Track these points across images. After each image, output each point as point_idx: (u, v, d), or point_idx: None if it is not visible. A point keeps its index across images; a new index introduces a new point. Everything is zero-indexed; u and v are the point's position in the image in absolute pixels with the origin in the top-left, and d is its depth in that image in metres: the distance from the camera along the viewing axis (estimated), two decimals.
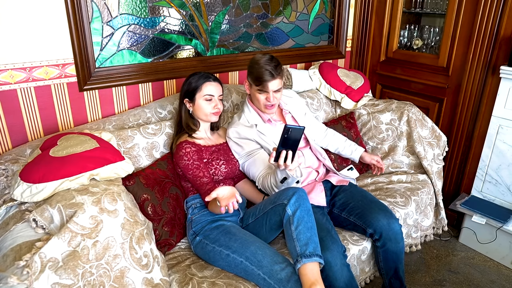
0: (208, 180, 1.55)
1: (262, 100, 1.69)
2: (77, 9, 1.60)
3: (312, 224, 1.37)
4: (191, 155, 1.56)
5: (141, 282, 1.18)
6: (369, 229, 1.62)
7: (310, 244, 1.31)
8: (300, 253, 1.29)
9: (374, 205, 1.68)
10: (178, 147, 1.60)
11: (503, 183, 2.16)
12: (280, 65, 1.68)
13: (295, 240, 1.32)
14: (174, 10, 1.91)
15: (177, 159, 1.59)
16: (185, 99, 1.67)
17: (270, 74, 1.63)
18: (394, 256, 1.65)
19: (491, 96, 2.16)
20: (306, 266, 1.27)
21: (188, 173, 1.56)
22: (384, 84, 2.74)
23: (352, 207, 1.69)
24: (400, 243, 1.64)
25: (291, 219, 1.35)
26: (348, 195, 1.75)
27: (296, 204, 1.37)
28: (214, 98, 1.65)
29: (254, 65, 1.66)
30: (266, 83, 1.64)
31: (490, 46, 2.10)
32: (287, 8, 2.34)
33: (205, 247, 1.47)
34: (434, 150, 2.16)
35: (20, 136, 1.63)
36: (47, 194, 1.23)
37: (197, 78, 1.65)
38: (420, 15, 2.69)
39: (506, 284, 2.01)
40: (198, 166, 1.56)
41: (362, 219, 1.64)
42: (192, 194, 1.64)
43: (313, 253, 1.29)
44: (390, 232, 1.61)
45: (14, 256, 1.07)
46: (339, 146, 2.03)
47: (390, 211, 1.67)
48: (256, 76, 1.65)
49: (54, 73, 1.65)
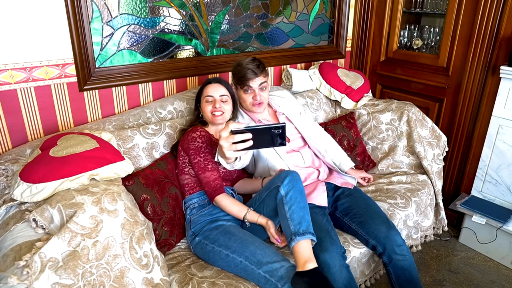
0: (217, 167, 1.56)
1: (249, 100, 1.74)
2: (77, 9, 1.60)
3: (305, 204, 1.42)
4: (205, 139, 1.58)
5: (141, 282, 1.18)
6: (372, 241, 1.59)
7: (303, 223, 1.36)
8: (294, 231, 1.34)
9: (377, 216, 1.64)
10: (192, 130, 1.60)
11: (503, 183, 2.16)
12: (263, 64, 1.74)
13: (288, 220, 1.37)
14: (174, 10, 1.91)
15: (188, 142, 1.57)
16: (198, 104, 1.75)
17: (253, 73, 1.69)
18: (407, 274, 1.57)
19: (491, 96, 2.16)
20: (300, 243, 1.32)
21: (199, 156, 1.54)
22: (384, 84, 2.74)
23: (355, 214, 1.67)
24: (406, 256, 1.58)
25: (284, 199, 1.40)
26: (352, 200, 1.73)
27: (289, 185, 1.41)
28: (214, 99, 1.66)
29: (237, 66, 1.74)
30: (249, 81, 1.69)
31: (490, 46, 2.10)
32: (287, 8, 2.34)
33: (205, 247, 1.47)
34: (434, 150, 2.16)
35: (20, 136, 1.63)
36: (47, 194, 1.23)
37: (204, 83, 1.72)
38: (420, 15, 2.69)
39: (506, 284, 2.01)
40: (210, 151, 1.57)
41: (364, 228, 1.62)
42: (189, 193, 1.63)
43: (306, 231, 1.34)
44: (393, 244, 1.57)
45: (14, 256, 1.07)
46: (331, 155, 1.94)
47: (393, 224, 1.63)
48: (239, 77, 1.72)
49: (54, 73, 1.65)
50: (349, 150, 2.22)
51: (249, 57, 1.74)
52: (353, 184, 1.83)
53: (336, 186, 1.81)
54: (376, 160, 2.26)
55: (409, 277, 1.59)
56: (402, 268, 1.58)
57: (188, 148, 1.57)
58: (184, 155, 1.60)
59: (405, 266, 1.58)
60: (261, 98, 1.73)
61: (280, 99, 1.97)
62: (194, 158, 1.55)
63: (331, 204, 1.76)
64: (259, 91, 1.72)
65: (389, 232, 1.59)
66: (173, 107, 1.91)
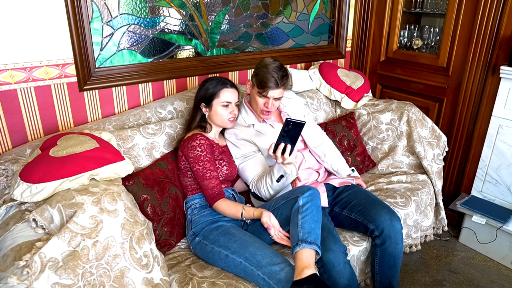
0: (216, 175, 1.56)
1: (261, 104, 1.69)
2: (77, 9, 1.60)
3: (319, 219, 1.41)
4: (205, 147, 1.56)
5: (141, 282, 1.18)
6: (371, 225, 1.61)
7: (312, 234, 1.35)
8: (301, 238, 1.33)
9: (377, 203, 1.67)
10: (191, 137, 1.58)
11: (503, 183, 2.16)
12: (287, 76, 1.67)
13: (299, 227, 1.36)
14: (174, 10, 1.91)
15: (188, 150, 1.56)
16: (202, 104, 1.67)
17: (275, 82, 1.62)
18: (391, 260, 1.63)
19: (491, 96, 2.16)
20: (304, 251, 1.31)
21: (198, 165, 1.54)
22: (384, 84, 2.74)
23: (354, 205, 1.68)
24: (399, 245, 1.62)
25: (300, 208, 1.40)
26: (351, 194, 1.75)
27: (308, 198, 1.42)
28: (231, 105, 1.64)
29: (262, 68, 1.65)
30: (268, 89, 1.63)
31: (490, 46, 2.10)
32: (287, 8, 2.34)
33: (205, 248, 1.47)
34: (434, 150, 2.16)
35: (20, 136, 1.63)
36: (47, 194, 1.23)
37: (214, 83, 1.64)
38: (420, 15, 2.69)
39: (506, 284, 2.01)
40: (209, 159, 1.56)
41: (364, 215, 1.64)
42: (191, 194, 1.63)
43: (314, 242, 1.33)
44: (391, 229, 1.59)
45: (14, 256, 1.07)
46: (329, 160, 1.94)
47: (393, 211, 1.65)
48: (261, 80, 1.64)
49: (54, 73, 1.65)
50: (349, 150, 2.22)
51: (277, 62, 1.66)
52: (351, 182, 1.84)
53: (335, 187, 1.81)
54: (376, 160, 2.26)
55: (392, 263, 1.63)
56: (390, 254, 1.62)
57: (188, 156, 1.57)
58: (185, 160, 1.60)
59: (394, 253, 1.62)
60: (272, 108, 1.69)
61: (287, 99, 1.96)
62: (194, 166, 1.56)
63: (330, 204, 1.77)
64: (273, 100, 1.68)
65: (389, 217, 1.61)
66: (173, 107, 1.91)
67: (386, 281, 1.66)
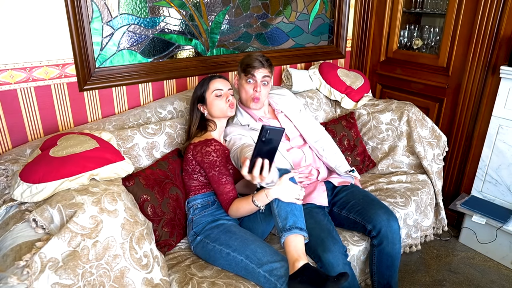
0: (231, 180, 1.56)
1: (250, 91, 1.73)
2: (77, 9, 1.60)
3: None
4: (220, 152, 1.56)
5: (141, 282, 1.18)
6: (369, 225, 1.61)
7: (289, 218, 1.34)
8: (281, 227, 1.34)
9: (376, 203, 1.68)
10: (204, 143, 1.57)
11: (503, 183, 2.16)
12: (270, 61, 1.76)
13: (276, 217, 1.37)
14: (174, 10, 1.91)
15: (202, 155, 1.54)
16: (198, 104, 1.70)
17: (260, 63, 1.71)
18: (389, 260, 1.63)
19: (491, 96, 2.16)
20: (289, 240, 1.31)
21: (214, 170, 1.53)
22: (384, 84, 2.74)
23: (353, 205, 1.69)
24: (396, 245, 1.62)
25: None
26: (349, 194, 1.75)
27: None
28: (223, 92, 1.66)
29: (246, 57, 1.76)
30: (254, 69, 1.70)
31: (490, 46, 2.10)
32: (287, 8, 2.34)
33: (206, 246, 1.47)
34: (434, 150, 2.16)
35: (20, 136, 1.63)
36: (47, 194, 1.23)
37: (202, 82, 1.70)
38: (420, 15, 2.69)
39: (506, 284, 2.01)
40: (225, 164, 1.56)
41: (362, 215, 1.64)
42: (193, 194, 1.63)
43: (293, 226, 1.33)
44: (388, 230, 1.60)
45: (14, 256, 1.07)
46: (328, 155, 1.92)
47: (391, 211, 1.66)
48: (246, 64, 1.72)
49: (54, 73, 1.65)
50: (349, 150, 2.22)
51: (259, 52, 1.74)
52: (350, 181, 1.84)
53: (334, 186, 1.81)
54: (376, 160, 2.26)
55: (390, 263, 1.63)
56: (388, 254, 1.62)
57: (203, 162, 1.55)
58: (196, 164, 1.58)
59: (392, 253, 1.62)
60: (260, 93, 1.72)
61: (279, 97, 1.97)
62: (209, 172, 1.54)
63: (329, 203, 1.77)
64: (261, 84, 1.72)
65: (387, 217, 1.61)
66: (173, 107, 1.91)
67: (384, 281, 1.66)
